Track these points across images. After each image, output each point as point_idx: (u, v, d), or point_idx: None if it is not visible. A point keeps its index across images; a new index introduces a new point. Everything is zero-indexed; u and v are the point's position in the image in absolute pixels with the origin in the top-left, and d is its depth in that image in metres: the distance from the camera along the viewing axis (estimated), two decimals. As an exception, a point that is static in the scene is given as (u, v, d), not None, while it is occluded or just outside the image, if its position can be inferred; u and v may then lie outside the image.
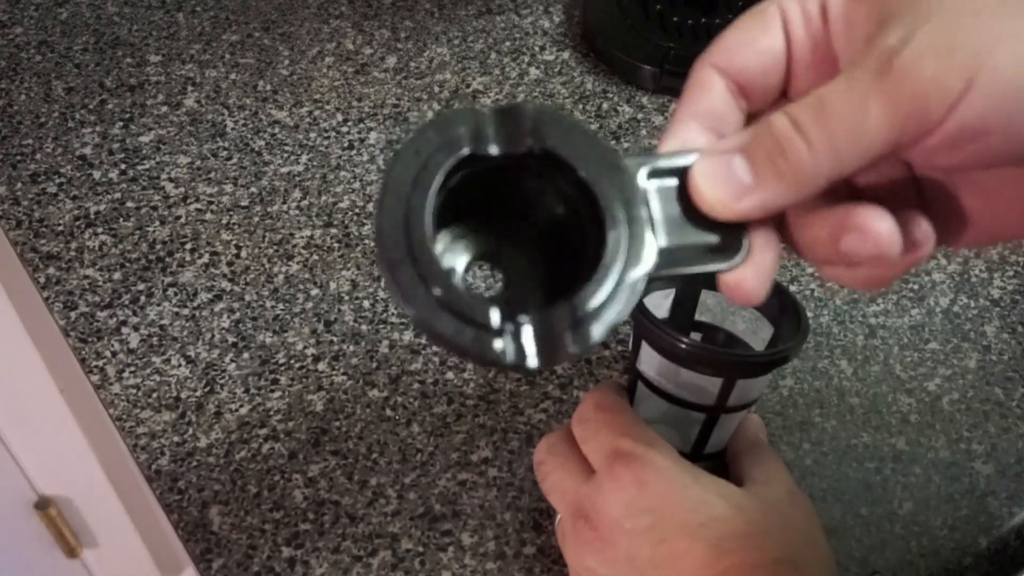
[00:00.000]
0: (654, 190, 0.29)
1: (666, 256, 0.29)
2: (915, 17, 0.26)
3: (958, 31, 0.25)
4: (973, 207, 0.30)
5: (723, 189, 0.28)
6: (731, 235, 0.30)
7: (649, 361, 0.42)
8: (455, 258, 0.31)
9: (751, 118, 0.31)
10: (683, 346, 0.40)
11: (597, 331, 0.27)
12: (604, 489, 0.38)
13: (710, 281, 0.46)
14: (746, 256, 0.29)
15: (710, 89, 0.30)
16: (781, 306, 0.44)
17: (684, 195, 0.29)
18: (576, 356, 0.29)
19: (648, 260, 0.28)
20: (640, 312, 0.42)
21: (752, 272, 0.29)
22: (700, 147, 0.30)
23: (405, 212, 0.27)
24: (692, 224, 0.29)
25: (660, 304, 0.47)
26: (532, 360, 0.26)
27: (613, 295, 0.28)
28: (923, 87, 0.25)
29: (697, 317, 0.47)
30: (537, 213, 0.31)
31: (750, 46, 0.30)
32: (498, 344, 0.26)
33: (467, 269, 0.31)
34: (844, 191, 0.32)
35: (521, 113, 0.28)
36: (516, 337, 0.26)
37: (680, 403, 0.42)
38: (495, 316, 0.26)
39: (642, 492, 0.37)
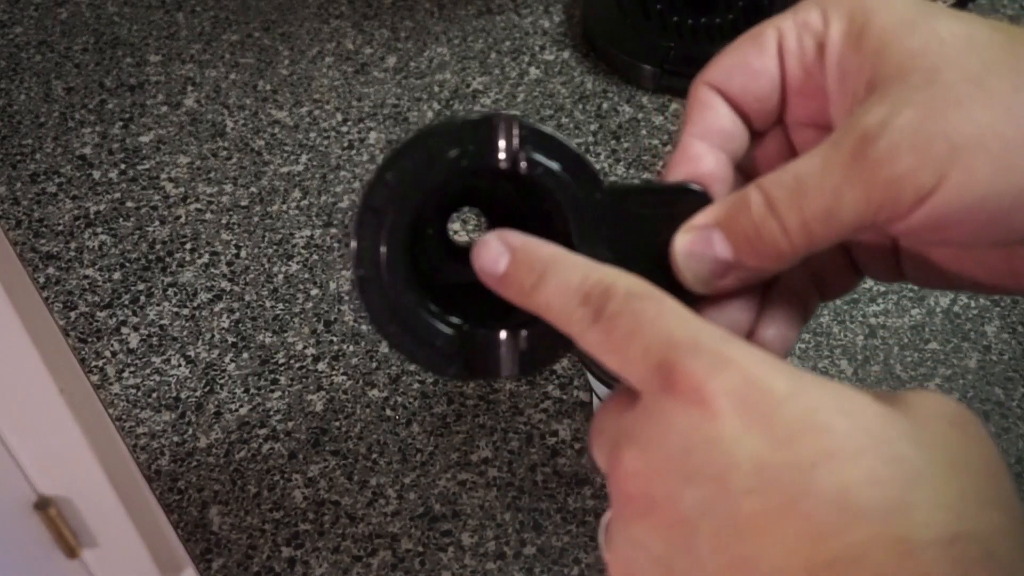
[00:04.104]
0: (629, 215, 0.30)
1: None
2: (901, 93, 0.26)
3: (939, 122, 0.25)
4: (940, 258, 0.30)
5: (704, 268, 0.28)
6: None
7: (595, 383, 0.46)
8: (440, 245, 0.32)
9: (754, 139, 0.31)
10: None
11: (533, 366, 0.30)
12: (652, 415, 0.24)
13: None
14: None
15: (714, 108, 0.30)
16: None
17: (659, 224, 0.29)
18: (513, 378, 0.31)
19: None
20: (585, 356, 0.44)
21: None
22: (689, 177, 0.30)
23: (380, 236, 0.28)
24: (659, 258, 0.29)
25: None
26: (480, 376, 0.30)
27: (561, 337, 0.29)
28: (896, 179, 0.25)
29: None
30: (514, 215, 0.31)
31: (746, 69, 0.30)
32: (450, 370, 0.30)
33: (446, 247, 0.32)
34: None
35: (497, 126, 0.28)
36: (465, 362, 0.30)
37: None
38: (447, 343, 0.30)
39: (709, 413, 0.23)
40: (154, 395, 0.53)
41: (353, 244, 0.28)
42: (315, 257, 0.59)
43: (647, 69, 0.67)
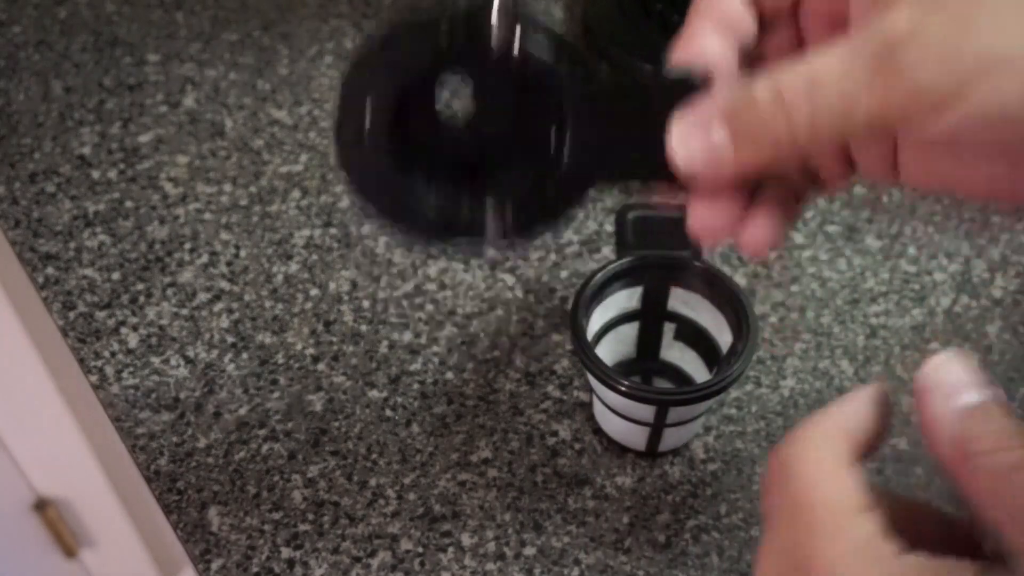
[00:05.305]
0: (628, 105, 0.29)
1: (617, 164, 0.30)
2: None
3: (970, 34, 0.24)
4: (943, 163, 0.29)
5: (699, 156, 0.27)
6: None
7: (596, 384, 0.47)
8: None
9: (762, 29, 0.30)
10: (621, 388, 0.45)
11: (527, 235, 0.30)
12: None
13: (677, 275, 0.50)
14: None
15: None
16: (737, 318, 0.48)
17: (658, 113, 0.29)
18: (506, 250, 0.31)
19: (587, 186, 0.30)
20: (585, 356, 0.46)
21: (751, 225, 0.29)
22: (693, 63, 0.29)
23: (363, 118, 0.28)
24: (654, 142, 0.28)
25: (632, 296, 0.50)
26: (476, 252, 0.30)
27: (550, 206, 0.29)
28: (919, 89, 0.24)
29: (670, 308, 0.51)
30: (506, 89, 0.30)
31: None
32: (435, 239, 0.30)
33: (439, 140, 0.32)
34: None
35: (487, 15, 0.28)
36: (451, 230, 0.29)
37: (625, 419, 0.48)
38: (434, 212, 0.29)
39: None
40: (153, 395, 0.53)
41: (337, 122, 0.28)
42: (315, 257, 0.59)
43: (647, 69, 0.67)
